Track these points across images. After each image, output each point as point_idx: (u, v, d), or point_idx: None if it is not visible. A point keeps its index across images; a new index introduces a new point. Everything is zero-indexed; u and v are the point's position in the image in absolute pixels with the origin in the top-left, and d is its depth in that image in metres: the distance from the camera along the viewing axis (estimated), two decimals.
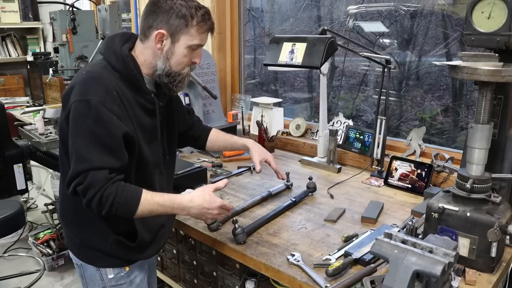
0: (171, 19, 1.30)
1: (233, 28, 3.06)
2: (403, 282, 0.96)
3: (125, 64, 1.31)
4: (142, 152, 1.36)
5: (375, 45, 2.54)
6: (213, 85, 2.58)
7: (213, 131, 1.80)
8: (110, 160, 1.23)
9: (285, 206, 1.75)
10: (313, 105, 3.00)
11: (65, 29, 2.72)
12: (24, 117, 3.56)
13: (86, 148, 1.22)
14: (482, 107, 1.28)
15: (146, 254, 1.47)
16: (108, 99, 1.24)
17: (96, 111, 1.22)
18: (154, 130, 1.42)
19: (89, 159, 1.22)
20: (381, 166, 2.13)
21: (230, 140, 1.81)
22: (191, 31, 1.32)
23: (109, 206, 1.22)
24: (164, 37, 1.32)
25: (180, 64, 1.36)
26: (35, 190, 4.40)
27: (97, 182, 1.21)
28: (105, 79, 1.27)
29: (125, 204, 1.24)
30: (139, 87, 1.35)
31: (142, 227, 1.39)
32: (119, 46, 1.33)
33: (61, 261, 3.15)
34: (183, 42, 1.33)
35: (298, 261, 1.37)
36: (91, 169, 1.21)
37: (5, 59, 5.05)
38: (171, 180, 1.61)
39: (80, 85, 1.27)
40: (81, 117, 1.23)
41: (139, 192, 1.27)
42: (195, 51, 1.38)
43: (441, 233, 1.31)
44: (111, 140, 1.24)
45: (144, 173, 1.40)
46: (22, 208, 2.61)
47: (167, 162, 1.52)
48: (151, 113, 1.40)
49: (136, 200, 1.25)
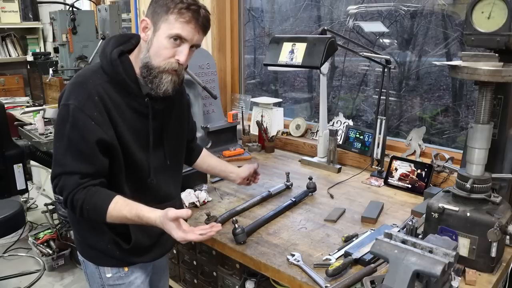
0: (157, 7, 1.27)
1: (233, 28, 3.06)
2: (403, 282, 0.96)
3: (114, 68, 1.29)
4: (134, 157, 1.34)
5: (375, 45, 2.54)
6: (213, 85, 2.58)
7: (205, 151, 1.80)
8: (83, 165, 1.25)
9: (285, 206, 1.75)
10: (313, 105, 3.00)
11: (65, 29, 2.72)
12: (24, 117, 3.57)
13: (62, 152, 1.26)
14: (482, 107, 1.28)
15: (146, 257, 1.46)
16: (88, 104, 1.24)
17: (73, 116, 1.24)
18: (148, 134, 1.38)
19: (63, 163, 1.25)
20: (381, 166, 2.13)
21: (220, 165, 1.81)
22: (170, 18, 1.24)
23: (80, 210, 1.26)
24: (148, 26, 1.29)
25: (158, 56, 1.27)
26: (35, 190, 4.40)
27: (68, 187, 1.25)
28: (89, 83, 1.27)
29: (94, 211, 1.26)
30: (130, 91, 1.32)
31: (137, 230, 1.38)
32: (110, 49, 1.31)
33: (61, 261, 3.15)
34: (162, 31, 1.25)
35: (298, 261, 1.37)
36: (64, 173, 1.25)
37: (5, 59, 5.05)
38: (177, 183, 1.57)
39: (67, 89, 1.29)
40: (62, 121, 1.26)
41: (107, 201, 1.26)
42: (179, 47, 1.27)
43: (441, 233, 1.31)
44: (85, 146, 1.24)
45: (136, 177, 1.38)
46: (22, 208, 2.61)
47: (169, 168, 1.48)
48: (145, 116, 1.36)
49: (104, 209, 1.25)
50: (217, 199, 1.88)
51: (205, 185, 1.93)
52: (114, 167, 1.32)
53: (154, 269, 1.62)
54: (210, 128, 2.45)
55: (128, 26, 3.84)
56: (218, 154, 2.45)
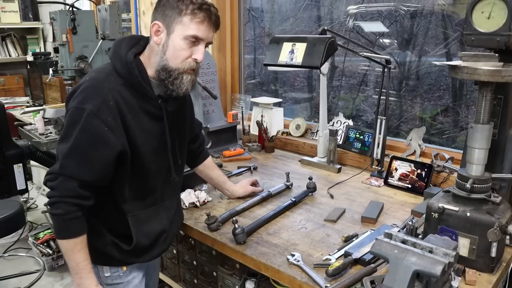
0: (167, 10, 1.28)
1: (233, 28, 3.06)
2: (403, 282, 0.96)
3: (129, 70, 1.29)
4: (143, 160, 1.34)
5: (375, 45, 2.54)
6: (213, 85, 2.58)
7: (209, 160, 1.81)
8: (84, 171, 1.25)
9: (285, 206, 1.75)
10: (313, 105, 3.00)
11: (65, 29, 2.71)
12: (24, 117, 3.57)
13: (67, 154, 1.25)
14: (482, 107, 1.27)
15: (144, 258, 1.46)
16: (103, 108, 1.24)
17: (86, 121, 1.23)
18: (162, 136, 1.39)
19: (65, 164, 1.25)
20: (381, 166, 2.13)
21: (218, 179, 1.83)
22: (184, 20, 1.26)
23: (53, 215, 1.26)
24: (160, 29, 1.29)
25: (177, 58, 1.29)
26: (35, 190, 4.40)
27: (62, 189, 1.24)
28: (105, 87, 1.26)
29: (60, 229, 1.28)
30: (144, 93, 1.32)
31: (138, 231, 1.39)
32: (124, 51, 1.31)
33: (61, 261, 3.15)
34: (177, 33, 1.27)
35: (298, 261, 1.37)
36: (63, 175, 1.24)
37: (5, 59, 5.06)
38: (180, 184, 1.59)
39: (81, 91, 1.27)
40: (73, 123, 1.25)
41: (77, 233, 1.28)
42: (195, 47, 1.30)
43: (441, 233, 1.31)
44: (91, 153, 1.25)
45: (143, 180, 1.39)
46: (22, 208, 2.61)
47: (180, 167, 1.52)
48: (159, 119, 1.37)
49: (69, 235, 1.27)
50: (217, 199, 1.88)
51: (205, 185, 1.93)
52: (119, 171, 1.32)
53: (148, 267, 1.63)
54: (210, 128, 2.45)
55: (128, 26, 3.84)
56: (218, 154, 2.45)
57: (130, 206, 1.38)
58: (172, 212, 1.54)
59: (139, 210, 1.40)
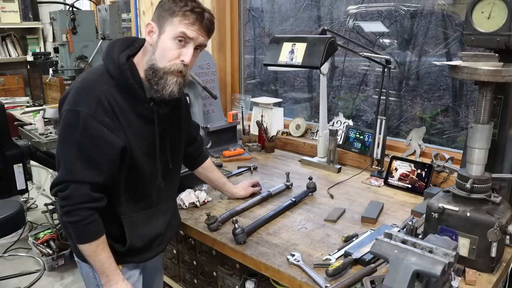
0: (162, 11, 1.28)
1: (233, 28, 3.06)
2: (403, 282, 0.96)
3: (121, 73, 1.28)
4: (136, 162, 1.34)
5: (375, 45, 2.54)
6: (213, 85, 2.58)
7: (208, 161, 1.81)
8: (93, 174, 1.25)
9: (285, 206, 1.75)
10: (313, 105, 3.00)
11: (65, 29, 2.72)
12: (24, 117, 3.57)
13: (72, 159, 1.24)
14: (482, 107, 1.27)
15: (138, 258, 1.47)
16: (98, 110, 1.24)
17: (84, 124, 1.22)
18: (154, 139, 1.38)
19: (72, 170, 1.24)
20: (381, 166, 2.13)
21: (218, 180, 1.83)
22: (175, 20, 1.25)
23: (70, 223, 1.26)
24: (153, 30, 1.29)
25: (164, 58, 1.27)
26: (35, 190, 4.39)
27: (76, 197, 1.24)
28: (97, 88, 1.26)
29: (81, 235, 1.29)
30: (136, 96, 1.31)
31: (132, 234, 1.40)
32: (117, 53, 1.30)
33: (61, 261, 3.15)
34: (167, 33, 1.26)
35: (298, 261, 1.37)
36: (73, 182, 1.24)
37: (5, 59, 5.06)
38: (175, 186, 1.60)
39: (73, 94, 1.27)
40: (70, 127, 1.24)
41: (97, 235, 1.30)
42: (183, 48, 1.28)
43: (441, 233, 1.31)
44: (96, 154, 1.24)
45: (138, 183, 1.39)
46: (22, 208, 2.61)
47: (171, 171, 1.49)
48: (150, 122, 1.36)
49: (91, 239, 1.29)
50: (217, 199, 1.88)
51: (205, 185, 1.93)
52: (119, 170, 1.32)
53: (148, 269, 1.63)
54: (210, 128, 2.45)
55: (128, 26, 3.84)
56: (218, 154, 2.45)
57: (125, 208, 1.38)
58: (169, 216, 1.55)
59: (133, 213, 1.41)
